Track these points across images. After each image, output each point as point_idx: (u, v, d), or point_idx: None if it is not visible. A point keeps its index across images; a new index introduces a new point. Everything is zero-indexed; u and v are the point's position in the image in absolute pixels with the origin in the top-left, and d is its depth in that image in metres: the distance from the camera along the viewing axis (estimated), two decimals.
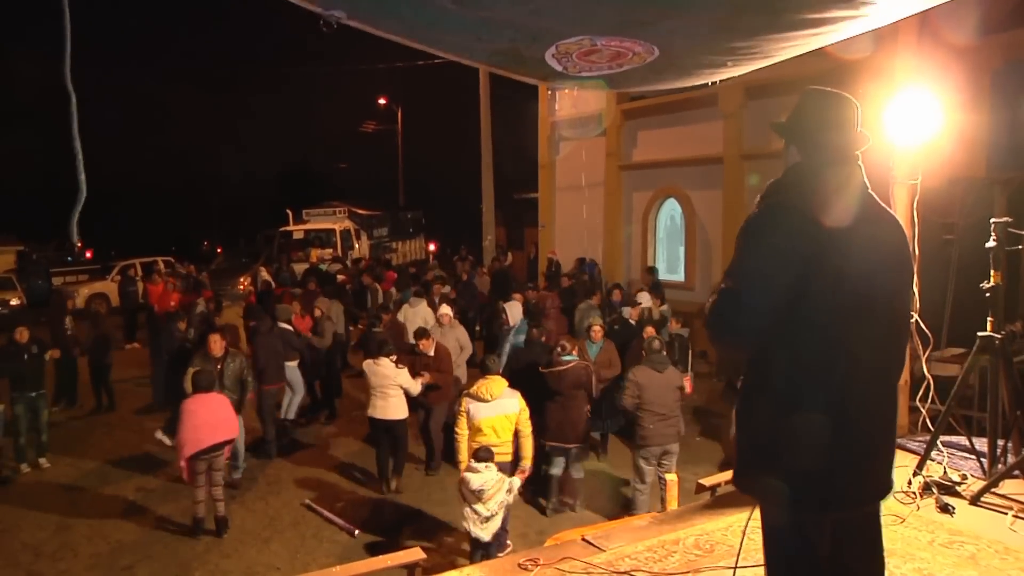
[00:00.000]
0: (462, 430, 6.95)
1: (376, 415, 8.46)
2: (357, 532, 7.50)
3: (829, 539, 2.64)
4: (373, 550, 6.83)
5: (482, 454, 6.35)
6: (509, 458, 6.92)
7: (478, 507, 6.21)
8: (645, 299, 11.67)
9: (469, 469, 6.33)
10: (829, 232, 2.47)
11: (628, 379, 7.56)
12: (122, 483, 8.95)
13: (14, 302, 21.87)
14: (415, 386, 8.43)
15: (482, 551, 6.39)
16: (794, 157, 2.76)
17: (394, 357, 8.48)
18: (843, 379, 2.50)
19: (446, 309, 10.54)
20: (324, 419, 11.17)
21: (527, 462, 6.95)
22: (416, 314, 11.60)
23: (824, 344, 2.49)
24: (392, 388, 8.31)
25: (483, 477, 6.22)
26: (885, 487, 2.70)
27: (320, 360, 11.21)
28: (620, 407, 7.69)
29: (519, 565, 4.02)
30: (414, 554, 4.42)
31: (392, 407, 8.38)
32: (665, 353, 7.68)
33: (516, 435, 7.00)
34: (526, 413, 7.04)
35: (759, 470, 2.64)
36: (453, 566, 5.76)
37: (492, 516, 6.26)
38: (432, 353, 8.88)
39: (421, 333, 9.12)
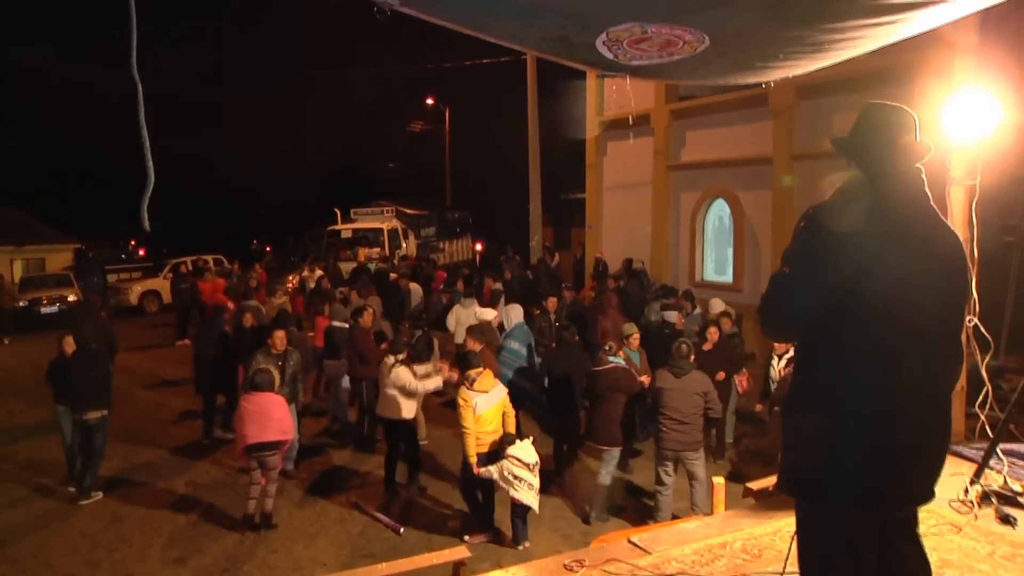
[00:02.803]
0: (470, 424, 7.04)
1: (377, 411, 8.54)
2: (403, 530, 7.55)
3: (874, 540, 2.65)
4: (418, 548, 6.86)
5: (511, 437, 7.03)
6: (498, 437, 7.26)
7: (530, 478, 6.82)
8: (718, 305, 11.45)
9: (518, 448, 6.87)
10: (883, 245, 2.50)
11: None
12: (173, 477, 9.12)
13: (71, 298, 22.50)
14: (415, 386, 8.07)
15: (522, 523, 7.11)
16: (857, 163, 2.79)
17: (401, 356, 8.25)
18: (890, 385, 2.52)
19: (491, 313, 10.54)
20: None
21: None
22: (469, 315, 11.53)
23: (872, 352, 2.52)
24: (390, 387, 8.14)
25: (530, 451, 6.88)
26: (929, 492, 2.70)
27: None
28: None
29: (564, 566, 4.01)
30: (459, 552, 4.44)
31: (389, 406, 8.19)
32: (693, 359, 7.63)
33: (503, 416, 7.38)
34: (507, 396, 7.46)
35: (804, 470, 2.68)
36: (498, 566, 5.76)
37: (536, 486, 6.91)
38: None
39: (470, 331, 8.85)
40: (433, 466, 8.99)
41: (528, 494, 6.81)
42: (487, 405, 7.15)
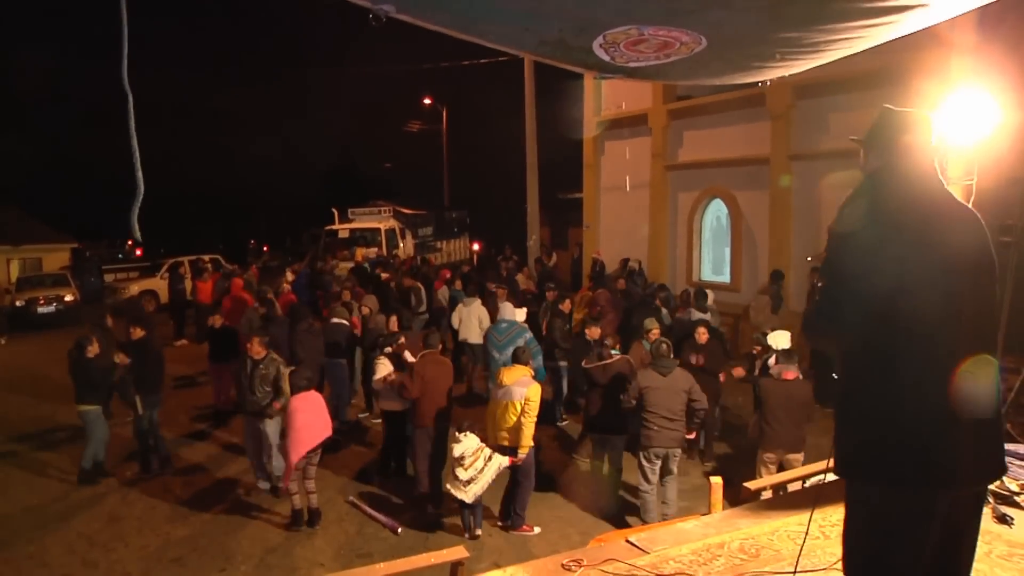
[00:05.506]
0: (489, 408, 7.58)
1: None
2: (400, 530, 7.55)
3: (941, 521, 2.60)
4: (416, 548, 6.87)
5: (463, 426, 7.25)
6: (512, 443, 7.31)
7: (459, 472, 7.09)
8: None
9: (453, 439, 7.22)
10: (916, 232, 2.58)
11: (633, 381, 7.68)
12: (170, 477, 9.12)
13: (68, 298, 22.45)
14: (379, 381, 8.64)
15: (470, 513, 7.34)
16: (873, 164, 2.86)
17: (389, 349, 8.81)
18: (945, 365, 2.54)
19: (522, 313, 10.54)
20: (371, 416, 11.18)
21: (522, 451, 7.23)
22: (471, 314, 11.51)
23: (922, 333, 2.55)
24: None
25: (463, 445, 7.11)
26: (999, 466, 2.71)
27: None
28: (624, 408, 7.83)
29: (562, 566, 4.00)
30: (457, 552, 4.42)
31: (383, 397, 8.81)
32: (673, 356, 7.76)
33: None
34: (533, 403, 7.22)
35: (868, 449, 2.63)
36: (496, 565, 5.77)
37: (472, 480, 7.06)
38: (412, 359, 8.41)
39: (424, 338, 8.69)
40: None
41: (454, 486, 7.12)
42: (495, 398, 7.43)
